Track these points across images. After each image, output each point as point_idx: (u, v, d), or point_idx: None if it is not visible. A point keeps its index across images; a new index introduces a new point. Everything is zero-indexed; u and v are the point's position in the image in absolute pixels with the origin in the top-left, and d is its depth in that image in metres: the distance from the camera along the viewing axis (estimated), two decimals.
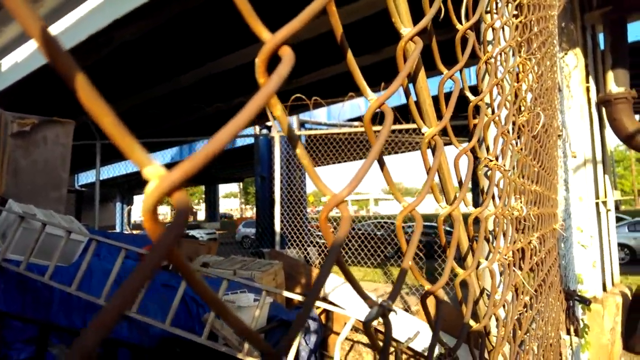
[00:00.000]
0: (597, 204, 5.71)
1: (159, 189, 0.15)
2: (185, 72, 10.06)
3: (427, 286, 0.44)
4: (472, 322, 0.52)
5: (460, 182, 0.48)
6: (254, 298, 4.61)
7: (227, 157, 26.47)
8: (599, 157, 6.11)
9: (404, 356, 4.65)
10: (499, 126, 0.62)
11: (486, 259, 0.73)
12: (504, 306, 0.73)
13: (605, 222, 6.03)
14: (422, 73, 0.45)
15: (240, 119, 0.17)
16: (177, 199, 0.16)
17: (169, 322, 3.80)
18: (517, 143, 0.87)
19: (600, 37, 6.68)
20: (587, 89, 5.89)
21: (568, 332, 2.08)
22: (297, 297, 4.33)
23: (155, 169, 0.16)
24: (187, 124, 15.05)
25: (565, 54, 3.55)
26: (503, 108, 0.70)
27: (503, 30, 0.75)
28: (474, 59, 0.75)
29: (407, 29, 0.37)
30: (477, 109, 0.63)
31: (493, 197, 0.62)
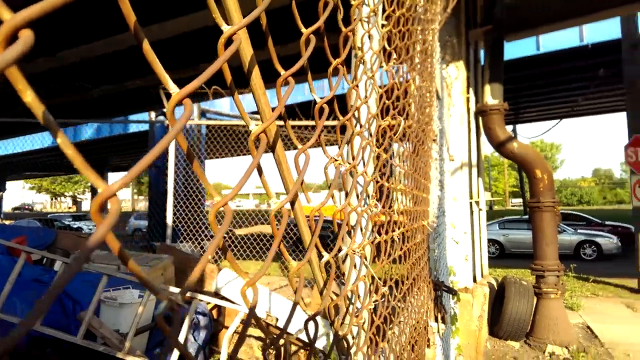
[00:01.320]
0: (470, 203, 6.33)
1: None
2: (69, 47, 9.18)
3: (246, 278, 0.45)
4: (305, 309, 0.56)
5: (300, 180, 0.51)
6: (138, 294, 4.38)
7: (118, 144, 24.73)
8: (474, 161, 6.76)
9: (294, 347, 4.74)
10: (350, 127, 0.66)
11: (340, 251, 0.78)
12: (359, 297, 0.78)
13: (477, 220, 6.71)
14: (255, 71, 0.46)
15: None
16: None
17: (40, 321, 3.47)
18: (380, 145, 0.93)
19: (482, 53, 7.40)
20: (468, 99, 6.49)
21: (436, 320, 2.26)
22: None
23: None
24: (71, 105, 13.79)
25: (447, 65, 3.88)
26: (362, 109, 0.75)
27: (370, 38, 0.80)
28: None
29: (227, 27, 0.38)
30: (338, 113, 0.67)
31: (347, 194, 0.67)
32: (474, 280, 6.26)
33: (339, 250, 0.65)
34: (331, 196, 0.57)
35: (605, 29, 13.30)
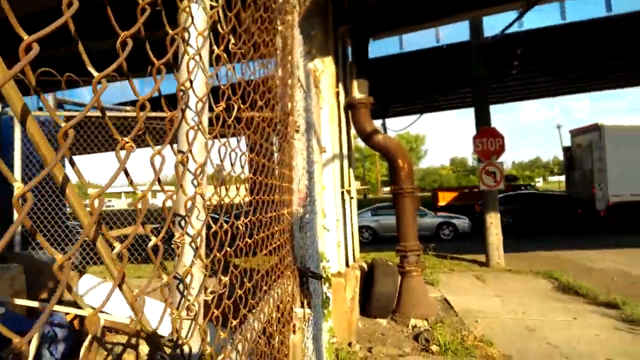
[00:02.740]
0: (342, 192, 6.64)
1: None
2: None
3: (58, 256, 0.41)
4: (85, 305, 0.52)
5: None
6: None
7: None
8: (345, 152, 7.10)
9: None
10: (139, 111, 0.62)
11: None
12: (187, 288, 0.75)
13: (349, 208, 7.07)
14: None
15: None
16: None
17: None
18: (215, 131, 0.91)
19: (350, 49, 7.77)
20: (337, 93, 6.77)
21: (302, 305, 2.32)
22: (35, 304, 3.73)
23: None
24: None
25: (313, 59, 3.99)
26: (191, 93, 0.72)
27: (191, 16, 0.76)
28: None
29: None
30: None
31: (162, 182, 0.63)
32: (347, 264, 6.60)
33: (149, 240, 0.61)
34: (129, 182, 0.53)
35: (459, 32, 14.83)
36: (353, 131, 7.63)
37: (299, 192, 2.89)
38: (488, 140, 10.24)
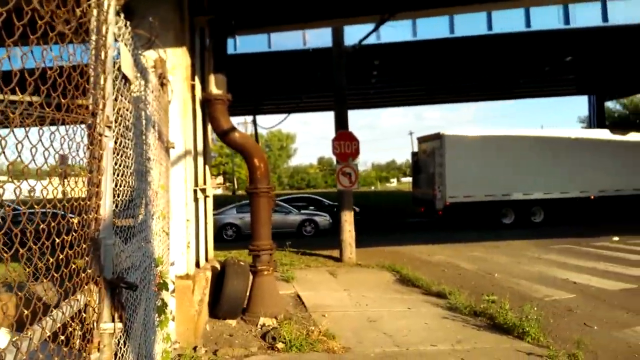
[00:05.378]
0: (195, 191, 6.36)
1: None
2: None
3: None
4: None
5: None
6: None
7: None
8: (200, 149, 6.82)
9: None
10: None
11: None
12: None
13: (202, 207, 6.82)
14: None
15: None
16: None
17: None
18: None
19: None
20: (193, 87, 6.46)
21: (113, 320, 2.13)
22: None
23: None
24: None
25: (150, 47, 3.70)
26: None
27: None
28: None
29: None
30: None
31: None
32: (198, 265, 6.36)
33: None
34: None
35: (326, 37, 15.17)
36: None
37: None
38: (345, 143, 10.79)
